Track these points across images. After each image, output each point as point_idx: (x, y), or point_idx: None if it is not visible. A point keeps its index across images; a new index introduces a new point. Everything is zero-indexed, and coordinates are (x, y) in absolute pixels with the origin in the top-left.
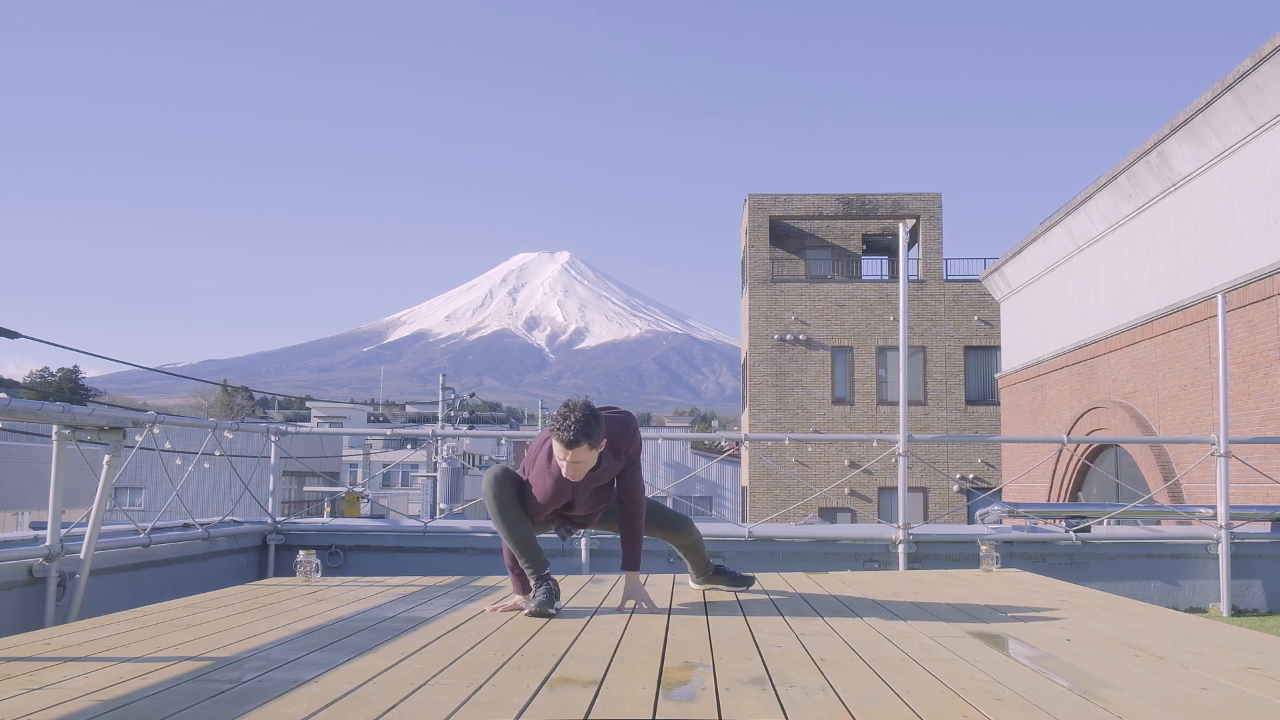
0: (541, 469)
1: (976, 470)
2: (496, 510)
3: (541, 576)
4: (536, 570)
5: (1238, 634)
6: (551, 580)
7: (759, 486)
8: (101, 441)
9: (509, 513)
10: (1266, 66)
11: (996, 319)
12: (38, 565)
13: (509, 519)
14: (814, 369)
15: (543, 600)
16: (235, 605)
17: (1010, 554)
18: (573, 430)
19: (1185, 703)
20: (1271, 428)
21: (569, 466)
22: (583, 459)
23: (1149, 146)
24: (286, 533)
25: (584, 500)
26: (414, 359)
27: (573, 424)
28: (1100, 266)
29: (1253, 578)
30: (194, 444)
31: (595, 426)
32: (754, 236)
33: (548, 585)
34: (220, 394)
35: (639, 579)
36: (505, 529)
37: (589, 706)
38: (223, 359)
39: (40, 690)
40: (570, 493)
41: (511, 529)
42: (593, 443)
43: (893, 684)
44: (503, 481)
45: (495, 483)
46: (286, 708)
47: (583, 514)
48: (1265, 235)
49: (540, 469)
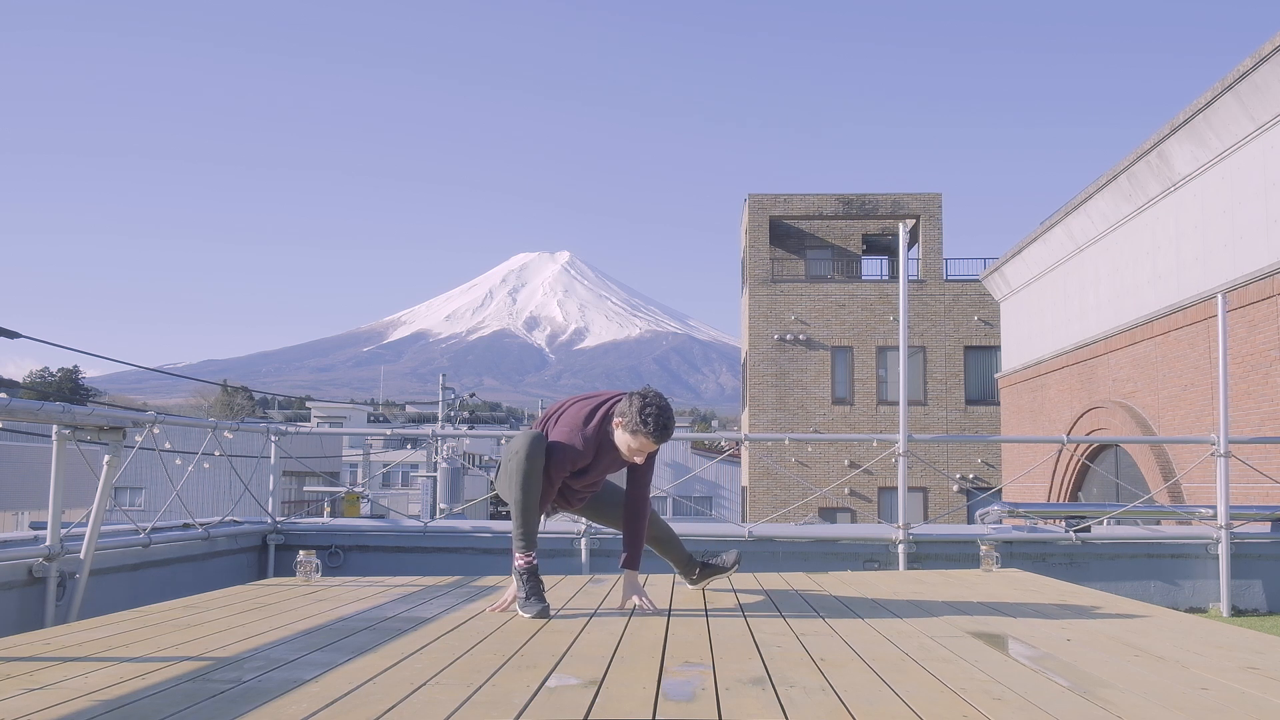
0: (570, 433)
1: (976, 470)
2: (524, 472)
3: (531, 565)
4: (528, 546)
5: (1238, 634)
6: (538, 578)
7: (759, 486)
8: (101, 441)
9: (533, 481)
10: (1266, 66)
11: (996, 319)
12: (38, 565)
13: (530, 486)
14: (814, 369)
15: (540, 610)
16: (235, 605)
17: (1010, 554)
18: (656, 426)
19: (1185, 703)
20: (1271, 428)
21: (639, 454)
22: (653, 449)
23: (1149, 146)
24: (286, 533)
25: (599, 468)
26: (414, 359)
27: (655, 415)
28: (1100, 266)
29: (1253, 578)
30: (194, 444)
31: (673, 422)
32: (754, 236)
33: (540, 592)
34: (220, 394)
35: (638, 578)
36: (523, 494)
37: (589, 706)
38: (223, 359)
39: (40, 690)
40: (590, 459)
41: (528, 494)
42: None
43: (893, 684)
44: (539, 447)
45: (534, 444)
46: (286, 708)
47: (587, 484)
48: (1265, 235)
49: (569, 433)
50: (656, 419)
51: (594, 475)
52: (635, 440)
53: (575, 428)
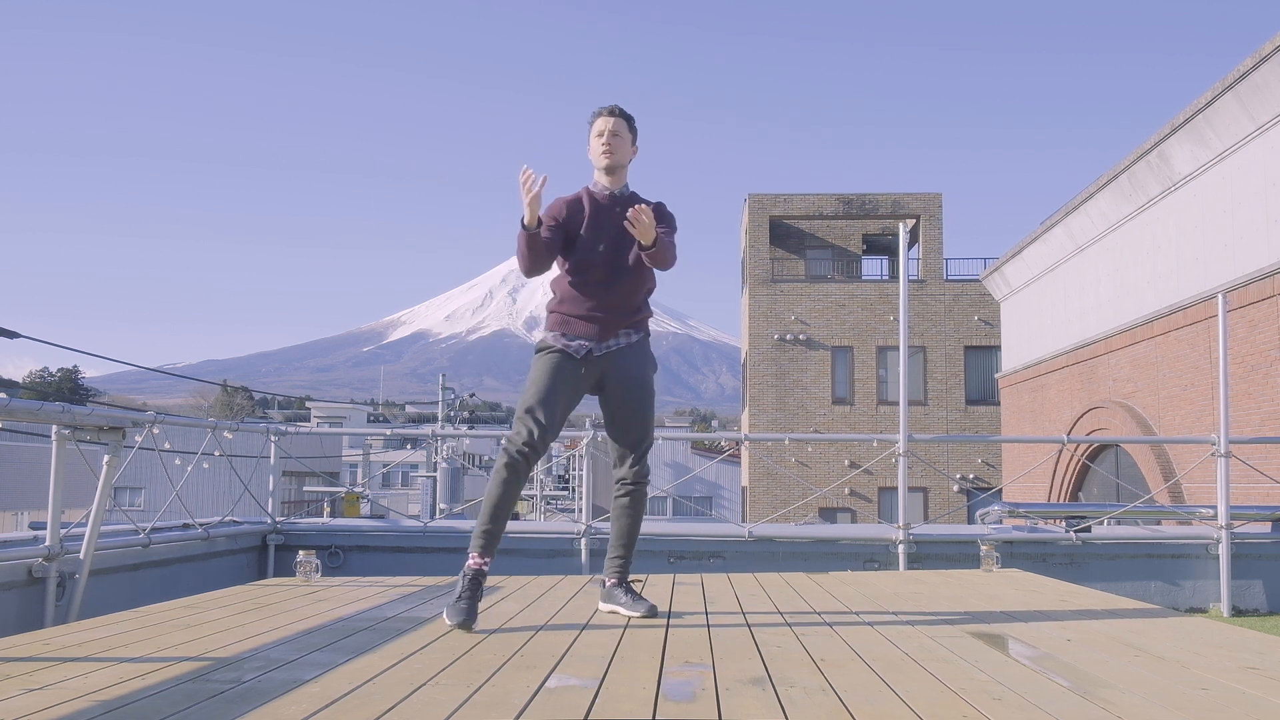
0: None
1: (976, 470)
2: (497, 472)
3: (477, 569)
4: (484, 550)
5: (1238, 634)
6: (479, 587)
7: (759, 486)
8: (101, 441)
9: (508, 488)
10: (1266, 66)
11: (996, 319)
12: (37, 565)
13: (502, 491)
14: (814, 369)
15: (461, 621)
16: (235, 605)
17: (1010, 554)
18: (600, 107)
19: (1185, 703)
20: (1272, 428)
21: (608, 138)
22: (621, 133)
23: (1149, 146)
24: (286, 533)
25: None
26: (414, 359)
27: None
28: (1100, 266)
29: (1253, 578)
30: (194, 444)
31: (619, 107)
32: (754, 236)
33: (472, 600)
34: (220, 394)
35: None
36: (492, 492)
37: (589, 706)
38: (223, 359)
39: (40, 690)
40: (583, 217)
41: (497, 495)
42: (629, 124)
43: (893, 684)
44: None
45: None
46: (286, 708)
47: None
48: (1265, 235)
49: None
50: (601, 107)
51: (601, 238)
52: (593, 130)
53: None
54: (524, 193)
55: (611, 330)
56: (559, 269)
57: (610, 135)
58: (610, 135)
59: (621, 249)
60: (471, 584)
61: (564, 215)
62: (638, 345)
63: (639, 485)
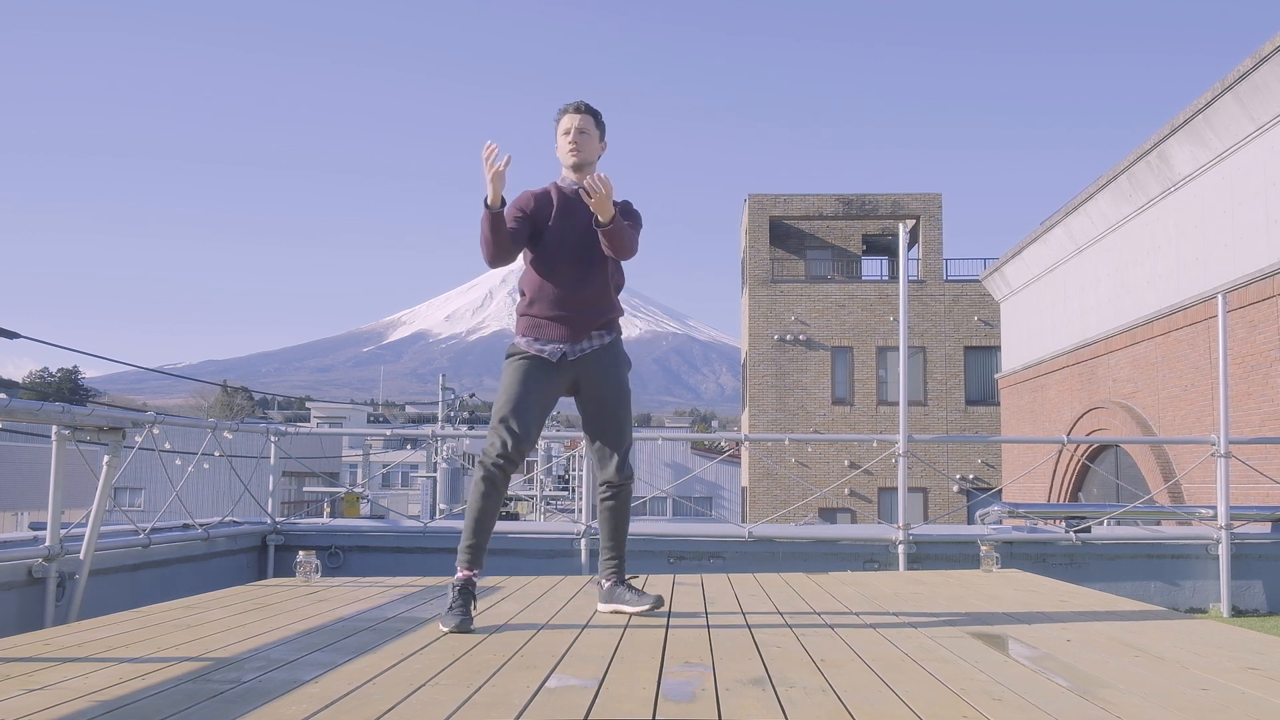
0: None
1: (976, 470)
2: (476, 485)
3: (466, 580)
4: (471, 562)
5: (1238, 634)
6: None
7: (759, 487)
8: (101, 442)
9: (488, 500)
10: (1266, 66)
11: (996, 319)
12: (37, 565)
13: (483, 504)
14: (814, 369)
15: (459, 624)
16: (235, 605)
17: (1010, 554)
18: (566, 104)
19: (1185, 703)
20: (1272, 428)
21: (575, 136)
22: (588, 130)
23: (1149, 147)
24: (286, 533)
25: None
26: (414, 359)
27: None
28: (1100, 267)
29: (1253, 578)
30: (194, 444)
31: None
32: (754, 236)
33: (466, 606)
34: (220, 394)
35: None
36: (472, 504)
37: (589, 706)
38: (223, 359)
39: (40, 690)
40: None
41: (478, 508)
42: (596, 120)
43: (893, 684)
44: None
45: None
46: (286, 708)
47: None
48: (1265, 235)
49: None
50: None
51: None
52: (559, 128)
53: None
54: (486, 168)
55: (584, 332)
56: (525, 263)
57: (577, 133)
58: (577, 133)
59: (591, 244)
60: (462, 593)
61: (531, 207)
62: (611, 346)
63: (624, 485)
